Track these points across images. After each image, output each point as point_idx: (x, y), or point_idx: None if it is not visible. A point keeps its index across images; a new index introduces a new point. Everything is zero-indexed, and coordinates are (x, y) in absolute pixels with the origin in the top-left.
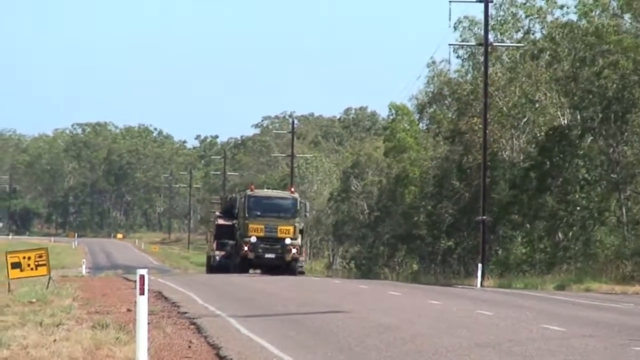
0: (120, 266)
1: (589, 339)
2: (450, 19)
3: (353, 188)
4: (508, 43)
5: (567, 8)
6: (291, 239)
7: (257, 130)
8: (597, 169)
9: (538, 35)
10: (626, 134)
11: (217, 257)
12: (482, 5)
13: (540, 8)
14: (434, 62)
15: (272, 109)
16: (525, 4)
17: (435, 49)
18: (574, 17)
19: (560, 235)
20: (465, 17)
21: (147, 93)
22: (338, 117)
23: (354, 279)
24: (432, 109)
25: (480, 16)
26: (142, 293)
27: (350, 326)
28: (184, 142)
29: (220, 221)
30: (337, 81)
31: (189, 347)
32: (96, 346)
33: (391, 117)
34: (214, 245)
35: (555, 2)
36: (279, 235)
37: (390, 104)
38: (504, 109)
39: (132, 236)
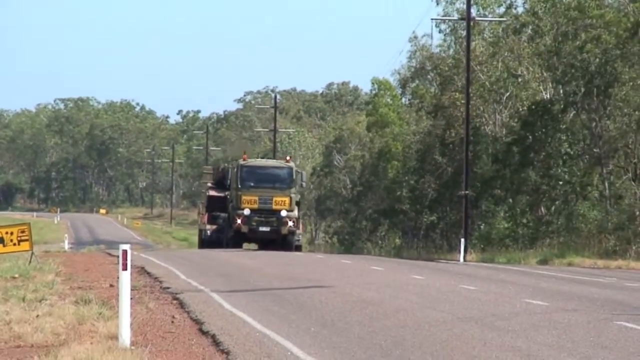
0: (103, 241)
1: (572, 313)
2: None
3: (335, 163)
4: (490, 17)
5: None
6: (287, 210)
7: (240, 105)
8: (579, 144)
9: (520, 10)
10: (609, 108)
11: (209, 232)
12: None
13: None
14: (416, 37)
15: (255, 84)
16: None
17: (417, 24)
18: None
19: (542, 209)
20: None
21: (129, 68)
22: (320, 92)
23: (337, 254)
24: (414, 84)
25: None
26: (124, 268)
27: (333, 301)
28: (167, 117)
29: (212, 193)
30: (319, 56)
31: (172, 322)
32: (79, 321)
33: (373, 92)
34: (205, 219)
35: None
36: (274, 207)
37: (373, 78)
38: (487, 83)
39: (115, 211)
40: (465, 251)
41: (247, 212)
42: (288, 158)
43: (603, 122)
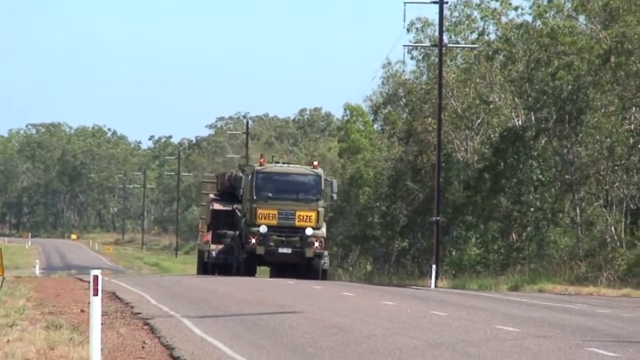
0: (74, 266)
1: (543, 339)
2: (405, 20)
3: None
4: (462, 44)
5: (522, 9)
6: (313, 228)
7: (212, 131)
8: (551, 170)
9: (492, 37)
10: (580, 135)
11: (214, 253)
12: (436, 6)
13: (495, 9)
14: (389, 63)
15: (226, 110)
16: (479, 5)
17: (390, 50)
18: (528, 18)
19: (514, 236)
20: (419, 19)
21: (101, 93)
22: (293, 117)
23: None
24: (386, 110)
25: (434, 17)
26: (95, 294)
27: (303, 326)
28: (139, 142)
29: (217, 206)
30: (291, 82)
31: (143, 347)
32: (50, 347)
33: (346, 118)
34: (209, 237)
35: (510, 4)
36: (297, 223)
37: (345, 104)
38: (458, 110)
39: (86, 237)
40: (437, 277)
41: (263, 229)
42: (315, 163)
43: (575, 148)
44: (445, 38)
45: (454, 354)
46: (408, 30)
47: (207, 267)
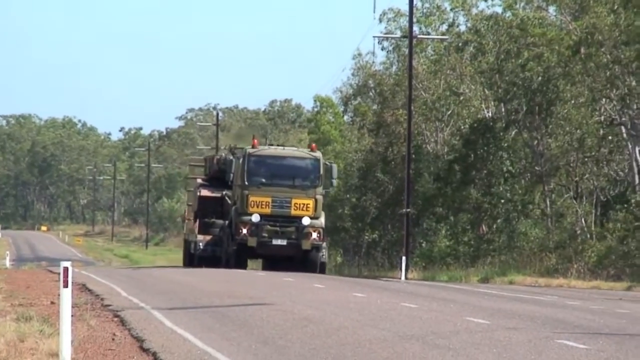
0: (44, 258)
1: (513, 331)
2: (374, 11)
3: None
4: (433, 35)
5: (492, 0)
6: (311, 217)
7: (182, 123)
8: (521, 162)
9: (463, 28)
10: (550, 126)
11: (201, 244)
12: None
13: (465, 0)
14: (359, 54)
15: (197, 101)
16: None
17: (360, 41)
18: (499, 10)
19: (484, 227)
20: (390, 9)
21: (71, 85)
22: (263, 109)
23: (279, 271)
24: (356, 102)
25: (405, 8)
26: (65, 285)
27: (274, 318)
28: (109, 134)
29: (205, 192)
30: (261, 73)
31: (113, 339)
32: (20, 339)
33: (316, 110)
34: (195, 227)
35: None
36: (293, 212)
37: (315, 96)
38: (429, 101)
39: (56, 228)
40: (407, 269)
41: (255, 218)
42: (313, 145)
43: (545, 140)
44: (416, 29)
45: (424, 346)
46: (380, 20)
47: (193, 259)
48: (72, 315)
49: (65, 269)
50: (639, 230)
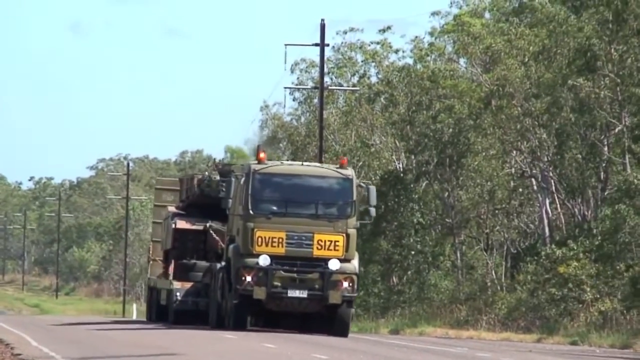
0: None
1: None
2: (285, 62)
3: None
4: (344, 86)
5: (403, 52)
6: (341, 260)
7: (93, 172)
8: (431, 213)
9: (374, 79)
10: (461, 178)
11: (178, 294)
12: (318, 48)
13: (376, 52)
14: (267, 106)
15: (107, 151)
16: (361, 47)
17: (271, 92)
18: (410, 62)
19: (394, 279)
20: (303, 60)
21: None
22: (174, 159)
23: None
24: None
25: (317, 59)
26: None
27: None
28: (19, 183)
29: (182, 224)
30: (172, 124)
31: None
32: None
33: (227, 161)
34: (170, 271)
35: (391, 47)
36: (317, 252)
37: (226, 147)
38: (340, 152)
39: None
40: None
41: (264, 261)
42: (343, 160)
43: (455, 192)
44: (327, 80)
45: None
46: (292, 71)
47: (163, 312)
48: None
49: None
50: (549, 282)
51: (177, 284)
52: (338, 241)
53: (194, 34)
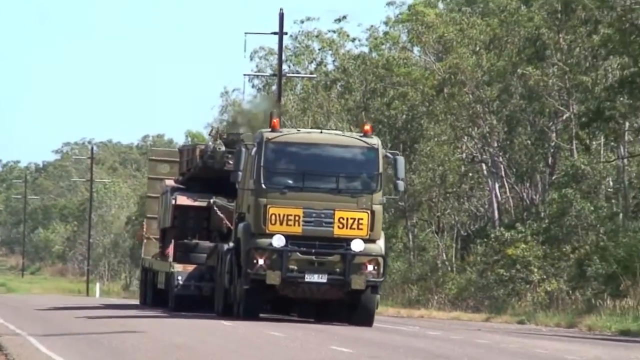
0: None
1: None
2: (245, 50)
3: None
4: (302, 74)
5: (359, 40)
6: (365, 240)
7: (58, 156)
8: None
9: (331, 67)
10: (414, 162)
11: (180, 278)
12: (277, 37)
13: (333, 40)
14: (227, 92)
15: (72, 135)
16: (318, 36)
17: (231, 78)
18: (365, 50)
19: None
20: (262, 48)
21: None
22: (136, 144)
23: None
24: None
25: (276, 47)
26: None
27: (145, 345)
28: None
29: (182, 199)
30: (135, 109)
31: None
32: None
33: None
34: (169, 251)
35: (348, 36)
36: (338, 231)
37: (187, 131)
38: None
39: None
40: None
41: (278, 242)
42: (367, 127)
43: (408, 176)
44: (285, 67)
45: None
46: (251, 58)
47: (159, 297)
48: None
49: None
50: (497, 263)
51: (178, 267)
52: (362, 219)
53: (157, 21)
